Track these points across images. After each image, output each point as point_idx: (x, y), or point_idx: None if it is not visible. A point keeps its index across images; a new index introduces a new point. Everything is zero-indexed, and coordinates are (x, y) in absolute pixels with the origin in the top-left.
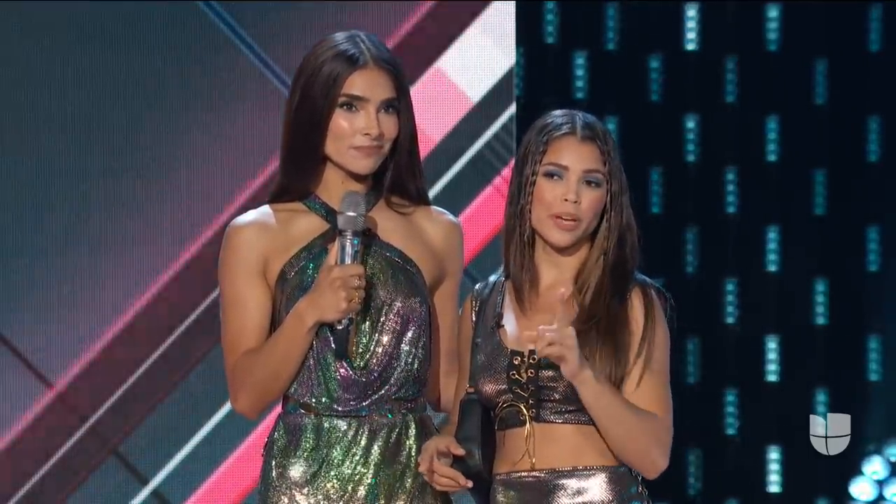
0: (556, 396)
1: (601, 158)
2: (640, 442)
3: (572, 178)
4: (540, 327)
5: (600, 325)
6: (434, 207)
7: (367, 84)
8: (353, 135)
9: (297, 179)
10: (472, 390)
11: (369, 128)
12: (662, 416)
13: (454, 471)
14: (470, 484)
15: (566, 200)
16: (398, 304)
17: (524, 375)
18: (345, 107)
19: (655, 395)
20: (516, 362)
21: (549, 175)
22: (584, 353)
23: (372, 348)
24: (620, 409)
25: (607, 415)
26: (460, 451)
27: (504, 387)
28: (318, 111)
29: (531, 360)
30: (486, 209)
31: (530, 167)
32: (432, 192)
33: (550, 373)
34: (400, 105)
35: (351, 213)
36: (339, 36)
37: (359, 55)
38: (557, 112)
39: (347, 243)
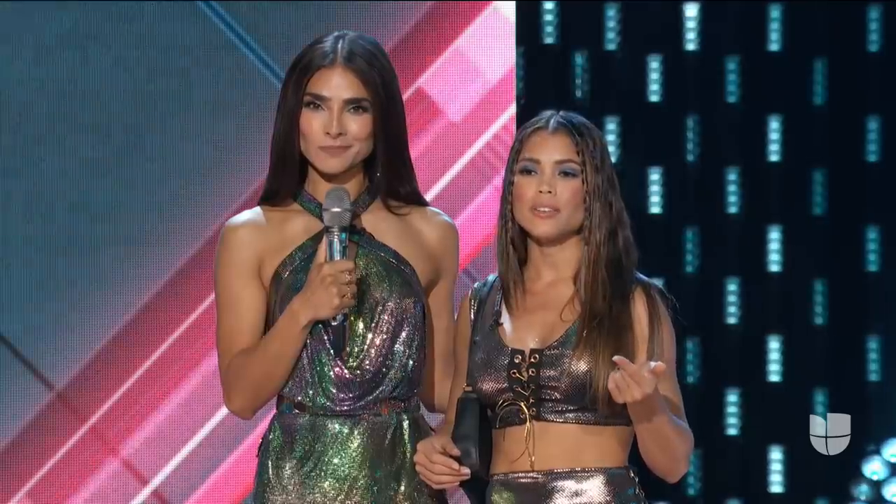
0: (558, 396)
1: (574, 149)
2: (677, 453)
3: (546, 171)
4: (617, 377)
5: (603, 327)
6: (430, 208)
7: (330, 83)
8: (317, 134)
9: (282, 180)
10: (469, 388)
11: (328, 126)
12: (684, 420)
13: (448, 458)
14: (466, 471)
15: (541, 192)
16: (392, 304)
17: (525, 374)
18: (310, 106)
19: (673, 399)
20: (517, 360)
21: (525, 171)
22: (587, 354)
23: (366, 348)
24: (668, 427)
25: (655, 432)
26: (456, 452)
27: (504, 385)
28: (288, 111)
29: (532, 359)
30: (486, 209)
31: (509, 167)
32: (432, 192)
33: (552, 372)
34: (372, 106)
35: (335, 209)
36: (327, 36)
37: (328, 54)
38: (541, 113)
39: (335, 239)
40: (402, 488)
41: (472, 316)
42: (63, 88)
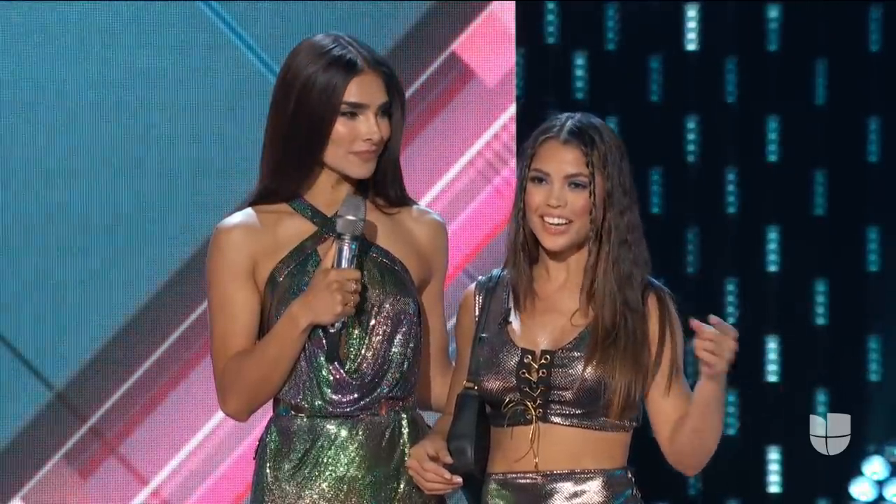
0: (567, 397)
1: (584, 160)
2: (716, 442)
3: (556, 184)
4: (708, 333)
5: (619, 342)
6: (417, 207)
7: (365, 90)
8: (354, 141)
9: (287, 184)
10: (470, 385)
11: (371, 133)
12: None
13: (437, 466)
14: (458, 480)
15: (549, 205)
16: (387, 305)
17: (535, 375)
18: (347, 115)
19: (688, 393)
20: (527, 361)
21: (535, 180)
22: (602, 363)
23: (363, 351)
24: (721, 411)
25: (715, 414)
26: (448, 460)
27: (512, 384)
28: (318, 120)
29: (543, 360)
30: (486, 209)
31: (521, 172)
32: (432, 193)
33: (563, 374)
34: (392, 108)
35: (351, 217)
36: (325, 40)
37: (354, 60)
38: (559, 115)
39: (345, 247)
40: (401, 488)
41: (477, 312)
42: (63, 88)
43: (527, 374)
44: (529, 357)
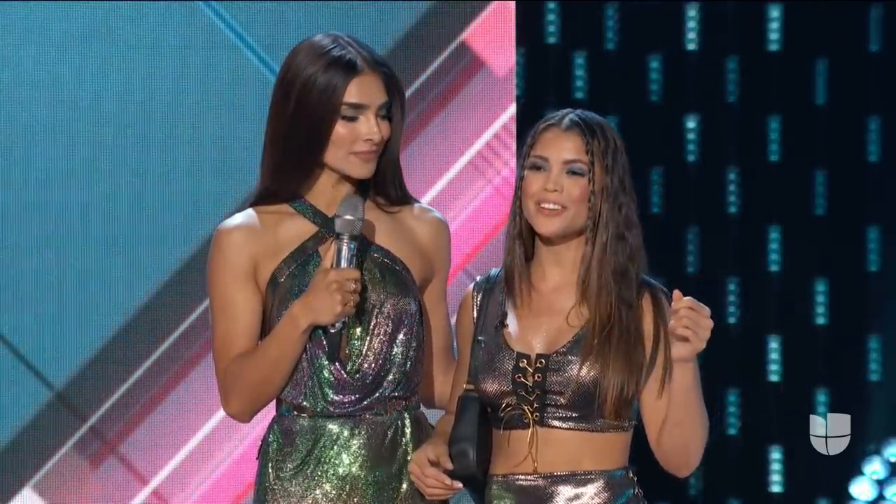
0: (563, 401)
1: (584, 148)
2: (702, 438)
3: (554, 169)
4: (685, 302)
5: (612, 337)
6: (418, 205)
7: (365, 91)
8: (354, 141)
9: (288, 184)
10: (471, 387)
11: (371, 134)
12: None
13: (438, 472)
14: (459, 486)
15: (546, 190)
16: (388, 305)
17: (530, 379)
18: (347, 117)
19: None
20: (522, 365)
21: (534, 167)
22: (597, 363)
23: (364, 351)
24: (701, 402)
25: (695, 406)
26: (449, 466)
27: (508, 388)
28: (318, 121)
29: (538, 364)
30: (486, 209)
31: (520, 162)
32: (432, 193)
33: (558, 378)
34: (392, 108)
35: (349, 217)
36: (325, 40)
37: (354, 61)
38: (561, 110)
39: (344, 247)
40: (404, 487)
41: (475, 312)
42: (63, 88)
43: (522, 379)
44: (525, 361)
